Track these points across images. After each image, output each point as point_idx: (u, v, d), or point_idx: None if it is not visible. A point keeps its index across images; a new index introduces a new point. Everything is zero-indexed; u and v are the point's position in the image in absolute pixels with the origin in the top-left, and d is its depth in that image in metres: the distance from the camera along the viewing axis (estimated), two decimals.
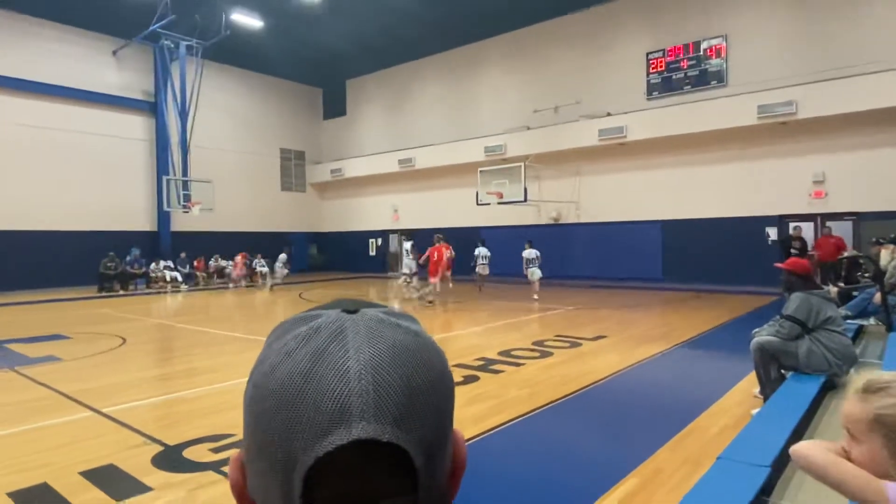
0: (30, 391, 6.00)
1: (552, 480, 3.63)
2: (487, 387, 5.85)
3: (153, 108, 21.32)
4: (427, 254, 13.56)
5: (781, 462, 2.95)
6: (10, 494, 3.39)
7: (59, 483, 3.54)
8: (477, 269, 15.81)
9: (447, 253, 13.36)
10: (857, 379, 1.25)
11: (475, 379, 6.16)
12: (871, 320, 6.98)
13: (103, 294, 17.12)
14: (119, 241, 19.35)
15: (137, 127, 21.19)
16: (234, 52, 22.12)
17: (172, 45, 19.70)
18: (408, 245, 15.82)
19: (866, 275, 8.53)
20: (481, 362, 6.94)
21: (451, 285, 14.60)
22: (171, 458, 3.97)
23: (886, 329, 6.36)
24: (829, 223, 12.31)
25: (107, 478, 3.63)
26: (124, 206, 20.64)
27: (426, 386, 0.40)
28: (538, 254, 14.55)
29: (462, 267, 16.55)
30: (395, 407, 0.37)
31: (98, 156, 19.99)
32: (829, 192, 14.50)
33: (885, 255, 7.43)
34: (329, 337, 0.40)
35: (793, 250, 11.33)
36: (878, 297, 6.68)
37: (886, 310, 6.46)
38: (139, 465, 3.84)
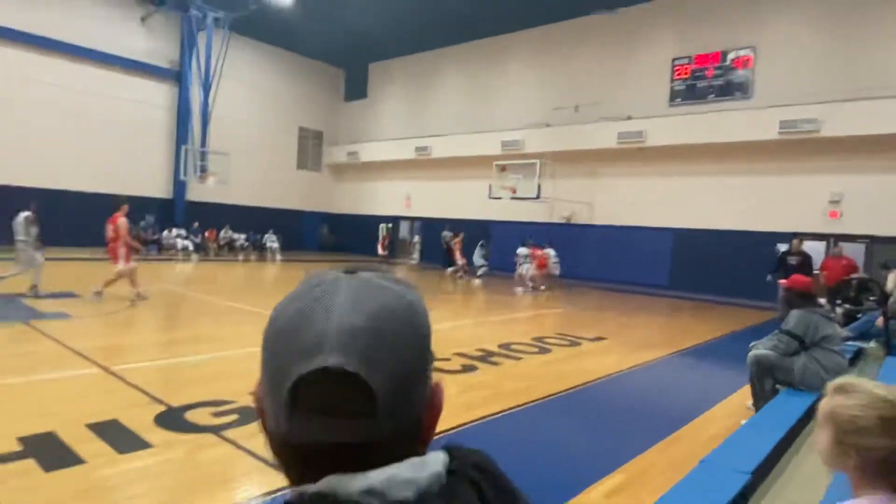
0: (40, 344, 6.18)
1: (539, 471, 3.72)
2: (485, 377, 5.95)
3: (177, 76, 21.48)
4: (531, 252, 15.83)
5: (763, 471, 3.03)
6: (20, 439, 3.53)
7: (65, 433, 3.69)
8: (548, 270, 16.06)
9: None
10: (837, 380, 1.36)
11: (474, 368, 6.26)
12: (872, 343, 6.99)
13: None
14: (134, 206, 19.50)
15: (160, 94, 21.37)
16: (260, 27, 22.19)
17: (200, 16, 19.82)
18: (481, 244, 17.78)
19: (871, 298, 8.53)
20: (481, 353, 7.04)
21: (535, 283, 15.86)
22: (173, 419, 4.11)
23: (885, 353, 6.38)
24: (840, 243, 12.08)
25: (111, 431, 3.78)
26: (142, 171, 20.87)
27: (394, 334, 0.50)
28: (528, 252, 15.84)
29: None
30: (362, 346, 0.48)
31: (120, 120, 20.21)
32: (845, 213, 14.40)
33: (891, 280, 7.43)
34: (326, 289, 0.52)
35: (790, 262, 10.67)
36: (880, 320, 6.69)
37: (888, 333, 6.47)
38: (142, 422, 3.98)
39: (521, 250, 15.90)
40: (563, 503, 3.15)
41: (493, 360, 6.75)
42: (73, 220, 18.90)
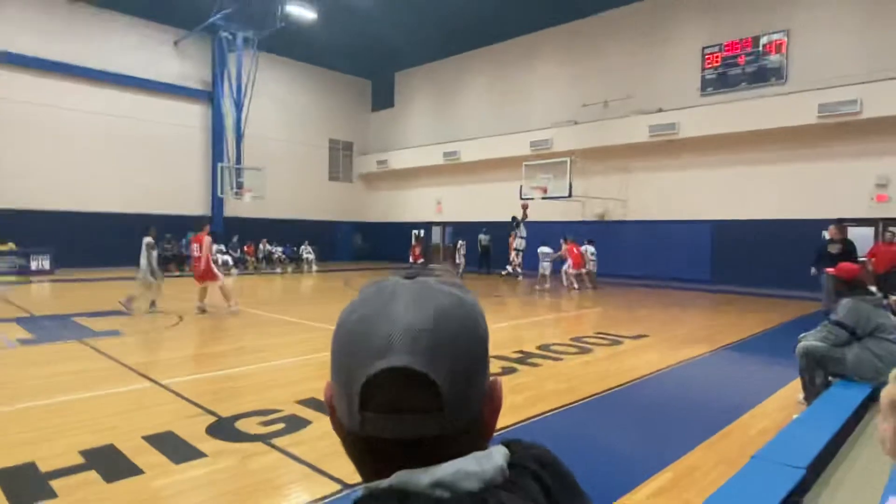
0: (96, 361, 6.44)
1: (584, 471, 3.67)
2: (525, 378, 5.94)
3: (210, 97, 22.15)
4: (568, 248, 15.44)
5: (819, 465, 2.94)
6: (82, 452, 3.70)
7: (124, 445, 3.85)
8: (587, 267, 16.10)
9: (575, 250, 15.39)
10: None
11: (513, 371, 6.25)
12: None
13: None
14: (175, 225, 20.25)
15: (195, 115, 22.07)
16: (287, 44, 22.71)
17: (230, 37, 20.39)
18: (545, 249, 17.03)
19: None
20: (520, 355, 7.02)
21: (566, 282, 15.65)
22: (225, 429, 4.23)
23: None
24: (890, 228, 11.43)
25: (166, 443, 3.92)
26: (180, 191, 21.57)
27: (454, 334, 0.53)
28: (549, 251, 15.82)
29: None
30: (426, 346, 0.51)
31: (157, 142, 20.96)
32: (894, 197, 13.82)
33: None
34: (388, 295, 0.55)
35: (831, 251, 9.71)
36: None
37: None
38: (195, 433, 4.11)
39: (542, 249, 15.77)
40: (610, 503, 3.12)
41: (532, 361, 6.72)
42: (116, 241, 19.62)
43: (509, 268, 17.40)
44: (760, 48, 16.03)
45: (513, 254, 17.46)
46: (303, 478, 3.46)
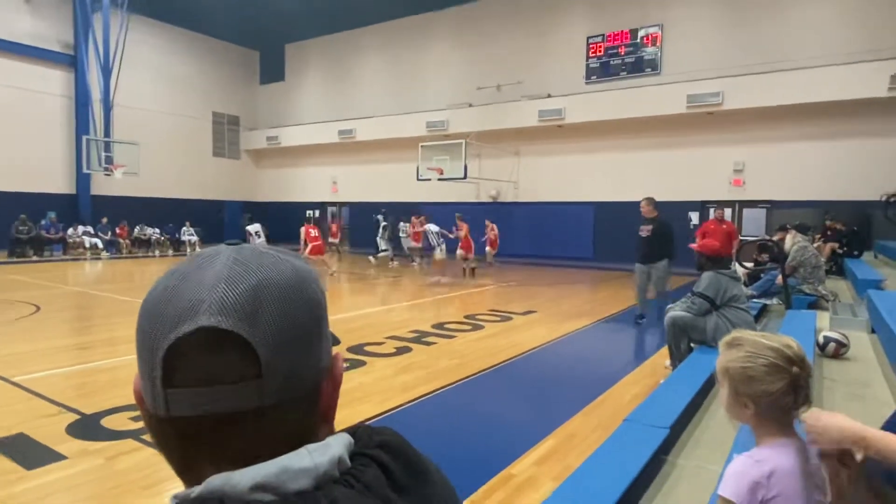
0: None
1: (475, 443, 3.80)
2: (419, 357, 5.98)
3: (73, 61, 19.81)
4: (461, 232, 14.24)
5: (680, 424, 3.22)
6: None
7: None
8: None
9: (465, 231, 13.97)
10: (727, 336, 1.42)
11: (408, 350, 6.27)
12: (774, 300, 7.58)
13: (15, 259, 16.00)
14: (33, 204, 18.07)
15: (54, 81, 19.65)
16: (164, 7, 20.82)
17: None
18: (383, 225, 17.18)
19: (763, 256, 9.26)
20: (415, 334, 7.06)
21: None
22: (89, 427, 3.85)
23: (786, 308, 6.94)
24: (722, 208, 11.89)
25: (16, 447, 3.50)
26: (39, 166, 19.21)
27: (278, 298, 0.46)
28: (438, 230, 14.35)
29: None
30: (240, 307, 0.44)
31: (8, 110, 18.45)
32: (747, 181, 15.44)
33: (788, 240, 8.04)
34: (205, 259, 0.48)
35: (640, 235, 8.29)
36: (780, 279, 7.25)
37: (786, 290, 7.04)
38: (53, 433, 3.71)
39: (430, 227, 14.67)
40: (497, 472, 3.22)
41: (427, 340, 6.79)
42: None
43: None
44: (639, 40, 17.10)
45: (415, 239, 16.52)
46: (176, 476, 3.23)
